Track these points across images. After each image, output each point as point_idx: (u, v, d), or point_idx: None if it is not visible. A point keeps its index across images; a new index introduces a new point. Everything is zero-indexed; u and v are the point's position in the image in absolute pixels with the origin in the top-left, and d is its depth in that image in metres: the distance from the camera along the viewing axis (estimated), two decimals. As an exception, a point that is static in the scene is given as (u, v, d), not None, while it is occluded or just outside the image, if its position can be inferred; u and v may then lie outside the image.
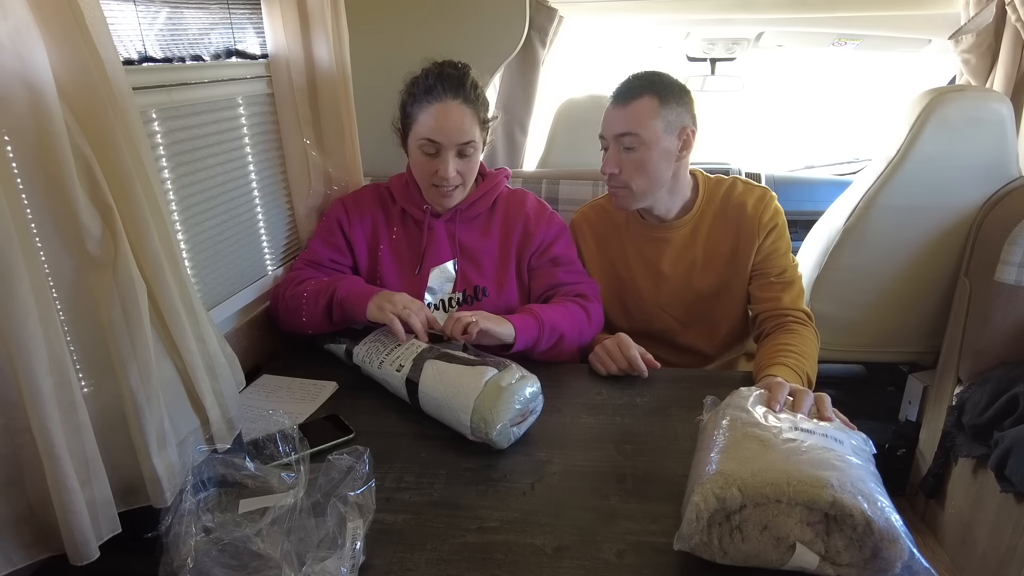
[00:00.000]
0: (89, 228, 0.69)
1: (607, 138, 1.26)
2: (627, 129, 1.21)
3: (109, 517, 0.73)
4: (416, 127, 1.21)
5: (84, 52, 0.66)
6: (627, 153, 1.23)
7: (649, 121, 1.20)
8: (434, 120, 1.19)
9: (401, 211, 1.34)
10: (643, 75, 1.24)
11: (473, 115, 1.21)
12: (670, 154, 1.24)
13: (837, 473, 0.69)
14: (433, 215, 1.31)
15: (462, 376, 1.01)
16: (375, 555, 0.78)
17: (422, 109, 1.20)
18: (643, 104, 1.21)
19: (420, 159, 1.23)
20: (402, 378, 1.08)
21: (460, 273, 1.32)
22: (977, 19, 1.66)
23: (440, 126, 1.18)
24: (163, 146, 1.05)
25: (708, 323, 1.39)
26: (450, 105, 1.19)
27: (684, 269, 1.36)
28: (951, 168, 1.53)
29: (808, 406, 0.86)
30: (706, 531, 0.72)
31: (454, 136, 1.19)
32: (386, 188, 1.37)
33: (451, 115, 1.18)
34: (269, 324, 1.34)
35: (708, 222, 1.34)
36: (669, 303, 1.38)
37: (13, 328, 0.61)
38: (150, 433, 0.74)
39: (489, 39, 1.80)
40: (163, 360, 0.78)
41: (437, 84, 1.19)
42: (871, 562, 0.68)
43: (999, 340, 1.46)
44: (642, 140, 1.21)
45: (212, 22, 1.17)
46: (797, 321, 1.25)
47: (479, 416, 0.96)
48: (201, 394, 0.82)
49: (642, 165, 1.23)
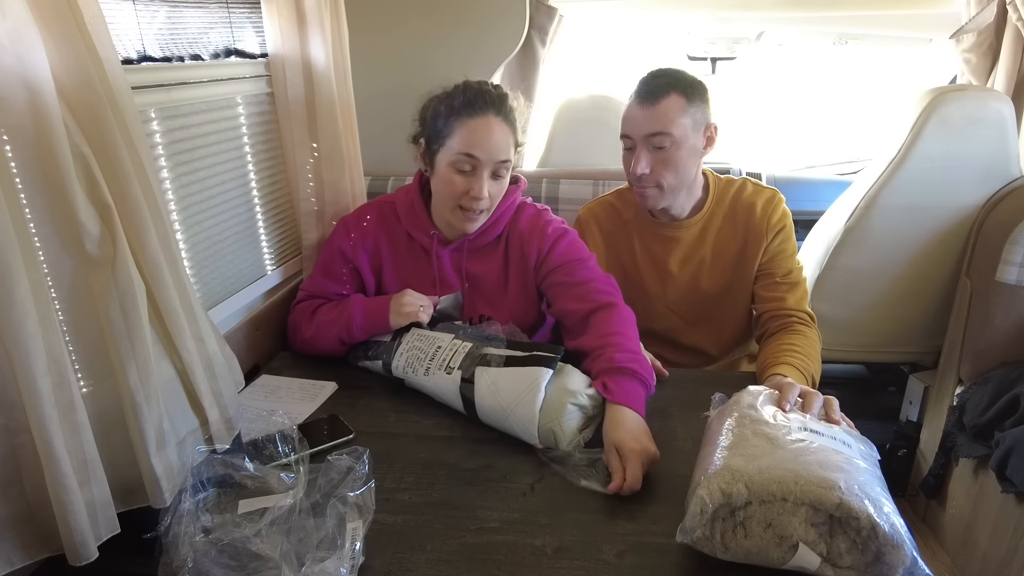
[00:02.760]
0: (88, 228, 0.68)
1: (635, 138, 1.23)
2: (658, 129, 1.20)
3: (108, 517, 0.72)
4: (451, 142, 1.14)
5: (83, 52, 0.66)
6: (657, 152, 1.22)
7: (678, 119, 1.19)
8: (476, 135, 1.13)
9: (407, 235, 1.28)
10: (666, 72, 1.23)
11: (512, 135, 1.17)
12: (697, 152, 1.25)
13: (845, 475, 0.69)
14: (440, 243, 1.26)
15: (518, 383, 1.00)
16: (375, 555, 0.78)
17: (461, 123, 1.13)
18: (671, 102, 1.19)
19: (451, 177, 1.16)
20: (456, 389, 1.06)
21: (468, 301, 1.29)
22: (978, 19, 1.65)
23: (482, 141, 1.13)
24: (162, 145, 1.04)
25: (713, 323, 1.39)
26: (492, 121, 1.14)
27: (692, 269, 1.35)
28: (952, 168, 1.53)
29: (818, 408, 0.86)
30: (709, 525, 0.72)
31: (494, 153, 1.14)
32: (390, 206, 1.30)
33: (493, 131, 1.14)
34: (269, 324, 1.34)
35: (717, 223, 1.34)
36: (675, 302, 1.38)
37: (12, 328, 0.61)
38: (149, 433, 0.74)
39: (489, 39, 1.80)
40: (162, 360, 0.78)
41: (479, 99, 1.14)
42: (872, 566, 0.68)
43: (1000, 340, 1.46)
44: (673, 139, 1.20)
45: (211, 21, 1.17)
46: (801, 322, 1.25)
47: (547, 429, 0.96)
48: (200, 394, 0.82)
49: (673, 164, 1.22)
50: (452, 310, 1.30)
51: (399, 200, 1.29)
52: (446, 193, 1.18)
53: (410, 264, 1.28)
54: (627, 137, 1.26)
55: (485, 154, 1.13)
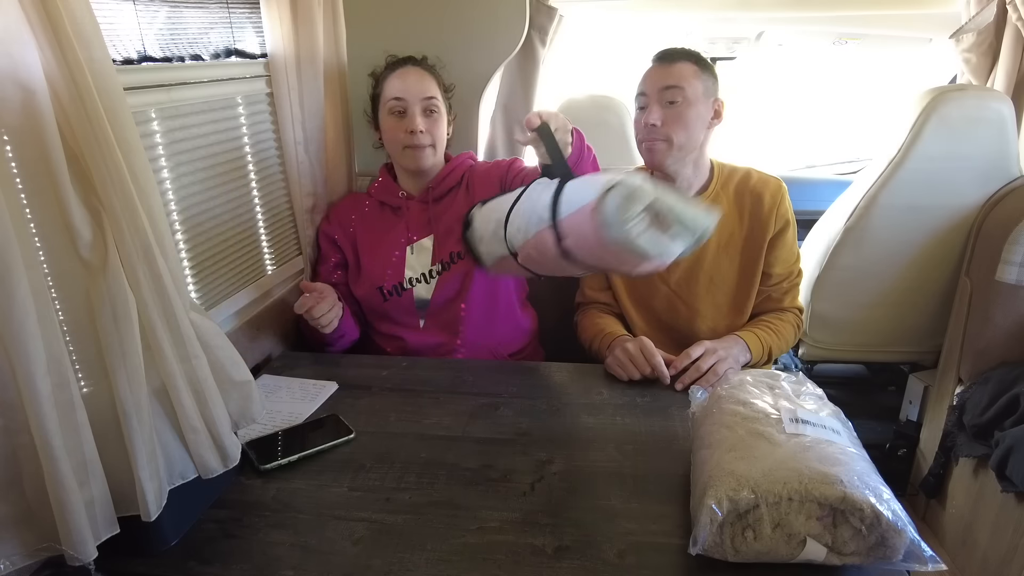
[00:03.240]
0: (80, 231, 0.68)
1: (649, 94, 1.30)
2: (672, 83, 1.27)
3: (107, 517, 0.72)
4: (383, 95, 1.35)
5: (73, 52, 0.65)
6: (669, 108, 1.28)
7: (692, 79, 1.27)
8: (398, 81, 1.33)
9: (378, 204, 1.43)
10: (681, 47, 1.32)
11: (432, 79, 1.36)
12: (705, 120, 1.31)
13: (844, 468, 0.72)
14: (409, 198, 1.40)
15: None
16: (375, 555, 0.78)
17: (387, 80, 1.35)
18: (685, 66, 1.28)
19: (391, 123, 1.34)
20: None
21: (437, 246, 1.38)
22: (978, 18, 1.65)
23: (403, 85, 1.33)
24: (162, 145, 1.04)
25: (714, 308, 1.39)
26: (411, 69, 1.36)
27: (696, 251, 1.36)
28: (952, 168, 1.53)
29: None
30: (719, 532, 0.72)
31: (416, 91, 1.32)
32: (364, 194, 1.46)
33: (411, 75, 1.34)
34: (269, 324, 1.34)
35: (723, 207, 1.36)
36: (678, 283, 1.39)
37: (12, 328, 0.61)
38: (138, 444, 0.73)
39: (489, 39, 1.80)
40: (151, 372, 0.76)
41: (399, 60, 1.37)
42: (875, 549, 0.71)
43: (1000, 340, 1.46)
44: (685, 95, 1.27)
45: (211, 21, 1.17)
46: (788, 310, 1.41)
47: (622, 193, 0.79)
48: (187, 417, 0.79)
49: (683, 120, 1.28)
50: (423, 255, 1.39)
51: (371, 186, 1.46)
52: (391, 138, 1.36)
53: (380, 225, 1.42)
54: (642, 95, 1.32)
55: (409, 94, 1.32)
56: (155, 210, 0.75)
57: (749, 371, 0.95)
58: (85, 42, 0.66)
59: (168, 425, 0.79)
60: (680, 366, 1.20)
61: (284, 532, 0.83)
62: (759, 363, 1.31)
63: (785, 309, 1.40)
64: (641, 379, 1.19)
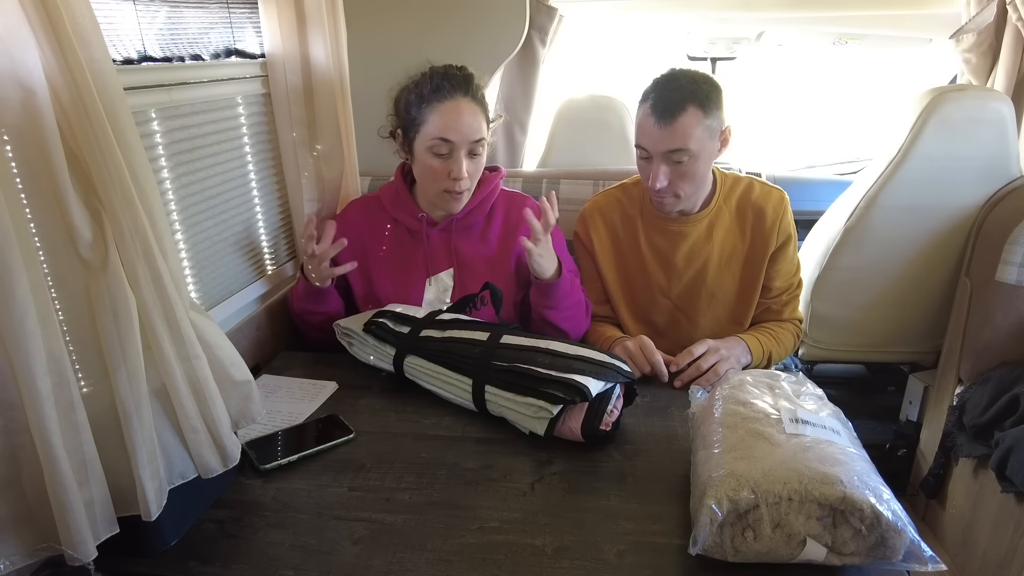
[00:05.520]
0: (80, 231, 0.68)
1: (653, 155, 1.23)
2: (677, 146, 1.19)
3: (107, 517, 0.72)
4: (426, 128, 1.19)
5: (73, 52, 0.65)
6: (676, 166, 1.22)
7: (696, 134, 1.19)
8: (446, 118, 1.18)
9: (393, 221, 1.32)
10: (682, 83, 1.19)
11: (482, 113, 1.22)
12: (713, 156, 1.26)
13: (844, 468, 0.72)
14: (429, 224, 1.30)
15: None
16: (375, 555, 0.78)
17: (432, 109, 1.18)
18: (688, 118, 1.18)
19: (430, 162, 1.21)
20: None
21: (458, 282, 1.31)
22: (978, 18, 1.65)
23: (453, 124, 1.18)
24: (162, 145, 1.04)
25: (715, 320, 1.39)
26: (461, 103, 1.19)
27: (698, 264, 1.36)
28: (952, 168, 1.53)
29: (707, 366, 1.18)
30: (719, 532, 0.72)
31: (468, 133, 1.19)
32: (375, 200, 1.36)
33: (463, 112, 1.19)
34: (269, 324, 1.34)
35: (725, 221, 1.35)
36: (679, 296, 1.39)
37: (12, 328, 0.61)
38: (138, 443, 0.73)
39: (489, 39, 1.80)
40: (151, 372, 0.76)
41: (446, 83, 1.19)
42: (875, 550, 0.71)
43: (1000, 340, 1.46)
44: (691, 154, 1.20)
45: (211, 21, 1.17)
46: (788, 320, 1.40)
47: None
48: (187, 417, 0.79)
49: (691, 175, 1.24)
50: (442, 291, 1.31)
51: (384, 191, 1.35)
52: (428, 178, 1.23)
53: (396, 248, 1.32)
54: (643, 148, 1.25)
55: (459, 136, 1.18)
56: (155, 210, 0.75)
57: (749, 371, 0.95)
58: (85, 42, 0.66)
59: (168, 425, 0.79)
60: (682, 363, 1.20)
61: (284, 532, 0.83)
62: (758, 367, 1.31)
63: (785, 320, 1.39)
64: (641, 378, 1.19)
